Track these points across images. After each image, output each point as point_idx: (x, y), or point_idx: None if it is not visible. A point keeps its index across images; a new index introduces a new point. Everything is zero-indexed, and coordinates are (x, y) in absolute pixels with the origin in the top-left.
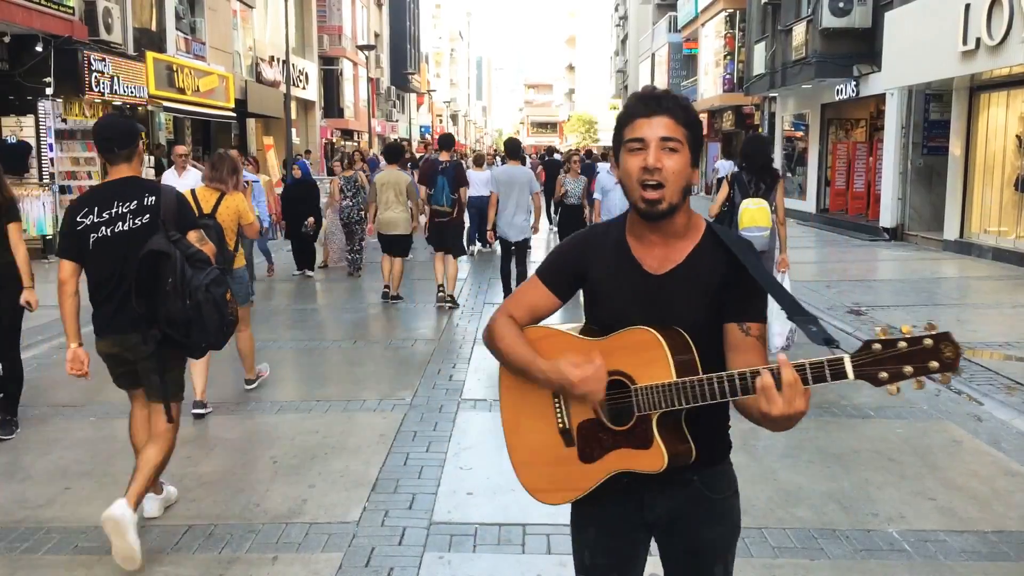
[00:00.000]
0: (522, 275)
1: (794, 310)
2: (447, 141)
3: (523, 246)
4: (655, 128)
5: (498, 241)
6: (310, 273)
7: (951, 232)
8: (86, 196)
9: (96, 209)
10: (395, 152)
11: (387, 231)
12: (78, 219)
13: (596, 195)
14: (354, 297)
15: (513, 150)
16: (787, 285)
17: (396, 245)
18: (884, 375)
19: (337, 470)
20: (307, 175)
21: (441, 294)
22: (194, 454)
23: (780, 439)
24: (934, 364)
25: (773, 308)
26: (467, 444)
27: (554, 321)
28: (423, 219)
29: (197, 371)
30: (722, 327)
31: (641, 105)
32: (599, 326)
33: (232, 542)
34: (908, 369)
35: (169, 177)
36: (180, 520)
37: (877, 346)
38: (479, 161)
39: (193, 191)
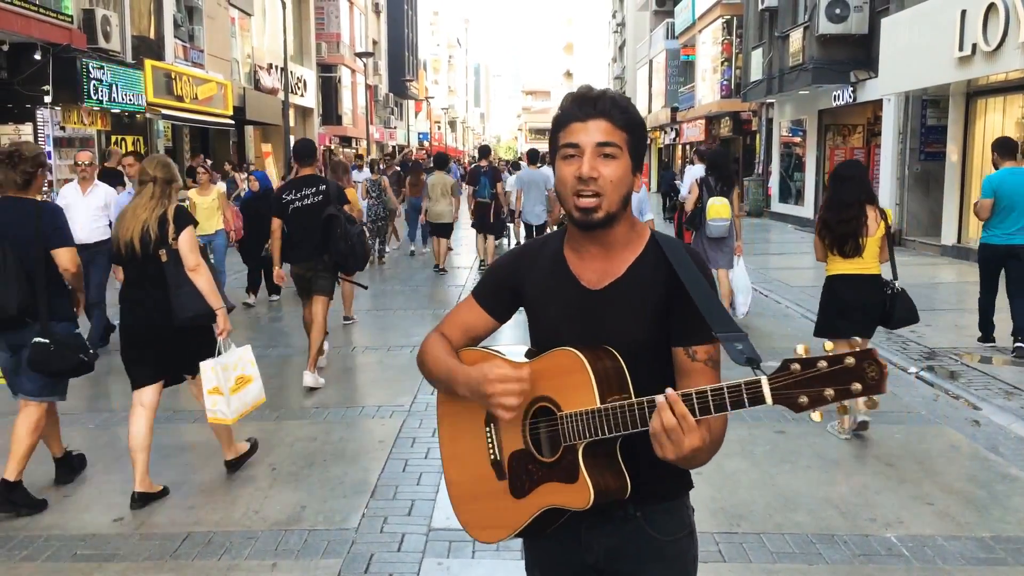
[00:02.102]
0: None
1: (722, 327)
2: (485, 151)
3: (541, 228)
4: (591, 133)
5: (523, 224)
6: (250, 302)
7: (949, 237)
8: (288, 183)
9: (293, 191)
10: (443, 160)
11: (436, 220)
12: (283, 196)
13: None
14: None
15: (533, 157)
16: (740, 266)
17: (443, 230)
18: (804, 399)
19: (336, 476)
20: (267, 187)
21: (482, 265)
22: (193, 461)
23: (779, 444)
24: (857, 386)
25: (737, 281)
26: None
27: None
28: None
29: (346, 296)
30: (670, 349)
31: (575, 107)
32: (537, 346)
33: (231, 549)
34: (829, 392)
35: (69, 193)
36: (179, 527)
37: (796, 366)
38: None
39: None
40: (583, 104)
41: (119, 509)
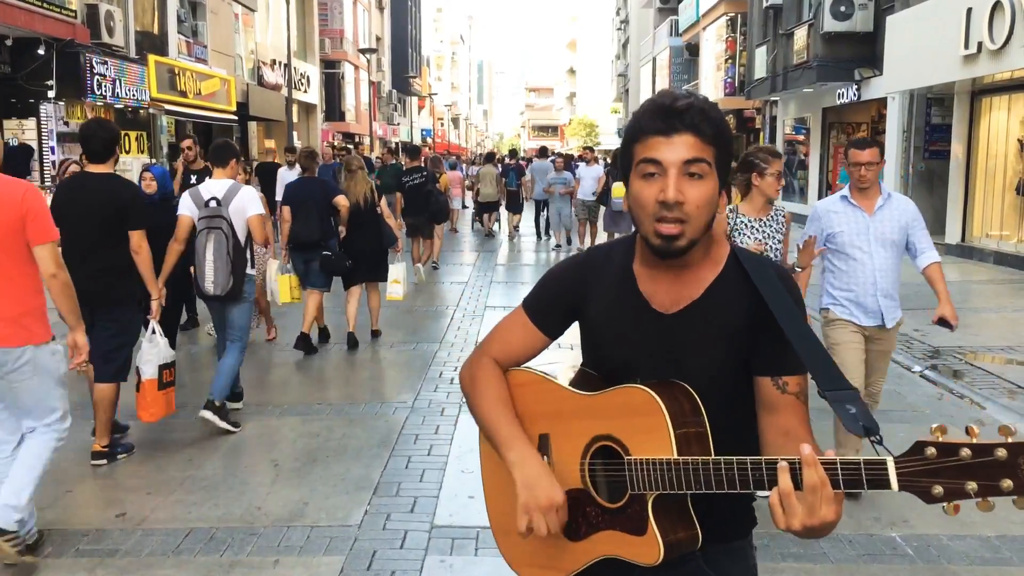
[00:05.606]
0: (547, 220)
1: (830, 382)
2: (513, 153)
3: (546, 203)
4: (676, 149)
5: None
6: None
7: (953, 236)
8: (404, 170)
9: (408, 176)
10: (491, 156)
11: (484, 200)
12: (403, 178)
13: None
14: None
15: (542, 152)
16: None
17: (492, 207)
18: (939, 490)
19: (338, 473)
20: (165, 189)
21: (513, 233)
22: (196, 457)
23: None
24: (1007, 483)
25: None
26: (469, 447)
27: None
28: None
29: (435, 246)
30: (752, 379)
31: (659, 120)
32: (594, 368)
33: (233, 545)
34: (972, 486)
35: None
36: (181, 523)
37: (931, 451)
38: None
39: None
40: (667, 116)
41: (121, 505)
